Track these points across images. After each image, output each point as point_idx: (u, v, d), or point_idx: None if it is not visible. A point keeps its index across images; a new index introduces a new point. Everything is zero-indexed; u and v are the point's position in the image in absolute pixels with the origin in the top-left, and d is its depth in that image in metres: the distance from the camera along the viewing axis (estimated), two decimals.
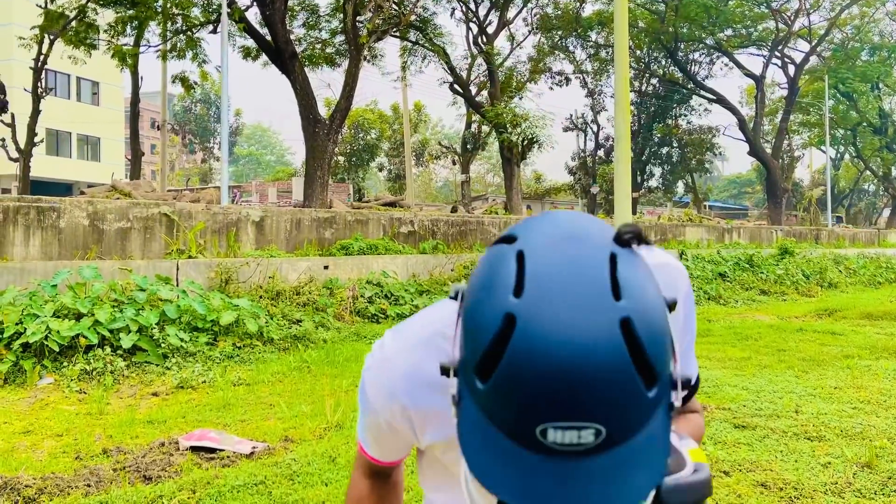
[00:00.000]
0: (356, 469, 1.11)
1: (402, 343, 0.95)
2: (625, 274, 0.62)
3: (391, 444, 1.04)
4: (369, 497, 1.09)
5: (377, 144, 42.10)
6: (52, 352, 6.82)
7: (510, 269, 0.64)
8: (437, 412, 0.92)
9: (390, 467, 1.11)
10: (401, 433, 0.99)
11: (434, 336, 0.93)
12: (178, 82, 21.12)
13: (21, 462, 4.09)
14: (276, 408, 5.51)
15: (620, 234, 0.67)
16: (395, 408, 0.95)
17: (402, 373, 0.93)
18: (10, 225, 8.89)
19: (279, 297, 9.82)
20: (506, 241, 0.68)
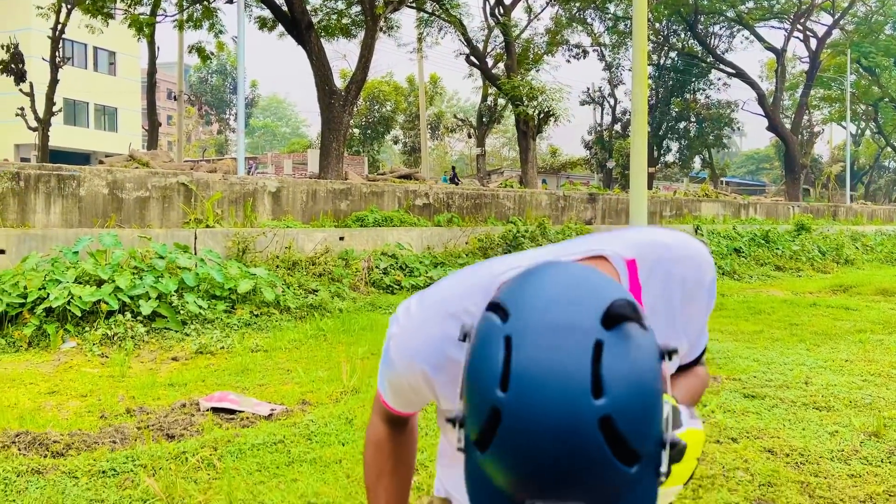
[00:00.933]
0: (375, 413, 1.18)
1: (427, 313, 1.01)
2: (608, 366, 0.66)
3: (410, 400, 1.09)
4: (387, 441, 1.16)
5: (392, 117, 41.97)
6: (74, 317, 6.97)
7: (498, 356, 0.68)
8: (456, 381, 0.95)
9: (407, 417, 1.18)
10: (421, 393, 1.05)
11: (459, 311, 0.97)
12: (195, 53, 21.14)
13: (48, 420, 4.23)
14: (293, 373, 5.63)
15: (610, 314, 0.68)
16: (417, 372, 1.01)
17: (426, 341, 0.99)
18: (32, 192, 9.03)
19: (295, 267, 9.94)
20: (498, 314, 0.72)
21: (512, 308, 0.71)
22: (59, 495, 3.00)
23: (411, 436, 1.21)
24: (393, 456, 1.17)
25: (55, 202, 9.21)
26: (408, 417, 1.18)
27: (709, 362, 5.87)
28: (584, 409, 0.64)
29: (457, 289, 0.99)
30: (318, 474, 3.31)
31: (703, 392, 1.15)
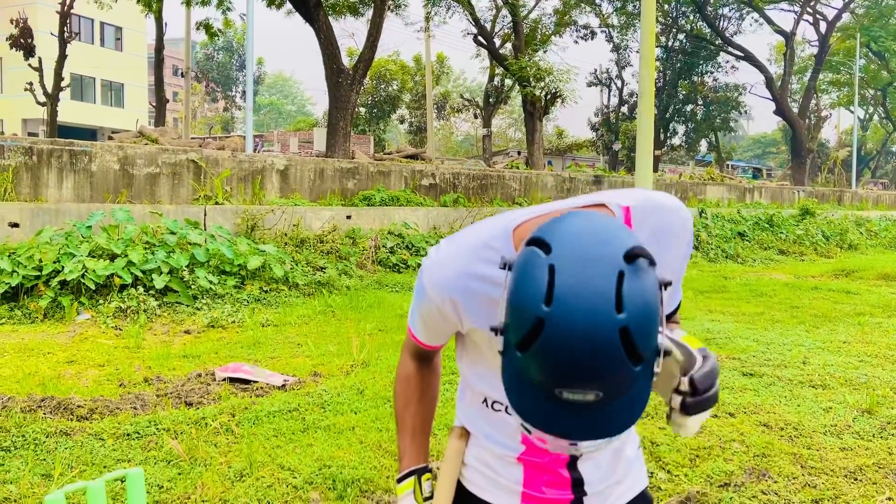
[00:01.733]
0: (404, 352, 1.37)
1: (456, 249, 1.17)
2: (627, 290, 0.86)
3: (438, 329, 1.24)
4: (415, 376, 1.35)
5: (399, 96, 41.90)
6: (88, 290, 7.13)
7: (543, 279, 0.87)
8: (480, 305, 1.13)
9: (433, 351, 1.34)
10: (449, 320, 1.19)
11: (482, 247, 1.14)
12: (202, 29, 21.16)
13: (69, 387, 4.39)
14: (303, 347, 5.78)
15: (630, 253, 0.88)
16: (447, 299, 1.15)
17: (455, 272, 1.14)
18: (45, 167, 9.15)
19: (303, 244, 10.08)
20: (541, 248, 0.91)
21: (553, 243, 0.90)
22: (87, 455, 3.16)
23: (436, 372, 1.39)
24: (420, 388, 1.35)
25: (67, 177, 9.34)
26: (433, 352, 1.35)
27: (709, 342, 6.01)
28: (609, 321, 0.84)
29: (481, 231, 1.17)
30: (333, 440, 3.46)
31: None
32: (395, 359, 3.51)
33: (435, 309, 1.19)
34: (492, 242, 1.13)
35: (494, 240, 1.14)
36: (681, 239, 1.19)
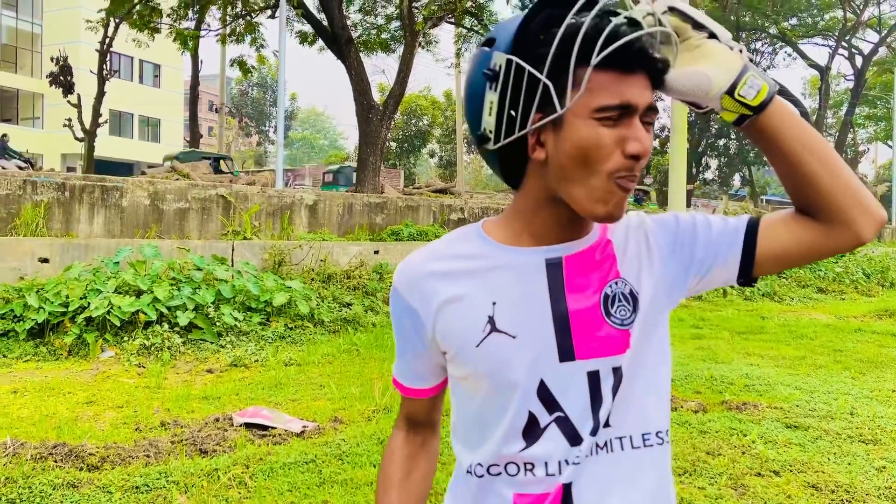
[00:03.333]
0: (395, 424, 1.20)
1: (421, 248, 1.10)
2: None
3: (417, 356, 1.10)
4: (401, 448, 1.16)
5: (429, 131, 42.19)
6: (113, 326, 7.08)
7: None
8: (450, 297, 1.02)
9: (424, 415, 1.17)
10: (423, 334, 1.06)
11: (452, 236, 1.08)
12: (237, 66, 21.52)
13: (84, 431, 4.28)
14: (325, 388, 5.63)
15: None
16: (415, 291, 1.05)
17: (423, 256, 1.07)
18: (77, 203, 9.23)
19: (330, 280, 9.99)
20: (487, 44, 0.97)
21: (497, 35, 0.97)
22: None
23: (427, 451, 1.18)
24: (403, 467, 1.15)
25: (98, 212, 9.41)
26: (425, 418, 1.17)
27: (749, 389, 5.73)
28: None
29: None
30: (349, 496, 3.29)
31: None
32: None
33: (406, 319, 1.07)
34: (460, 231, 1.09)
35: (462, 230, 1.09)
36: (650, 226, 1.07)
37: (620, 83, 0.90)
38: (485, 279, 1.01)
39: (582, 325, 0.99)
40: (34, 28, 41.27)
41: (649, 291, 1.03)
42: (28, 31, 41.17)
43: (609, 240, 1.05)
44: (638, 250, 1.04)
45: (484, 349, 1.00)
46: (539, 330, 0.99)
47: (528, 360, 0.99)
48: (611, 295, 1.01)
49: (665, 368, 1.07)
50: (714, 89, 0.95)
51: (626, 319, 1.00)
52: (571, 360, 0.98)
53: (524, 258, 1.01)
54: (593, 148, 0.91)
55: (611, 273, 1.02)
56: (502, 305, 1.00)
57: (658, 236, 1.06)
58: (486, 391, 1.02)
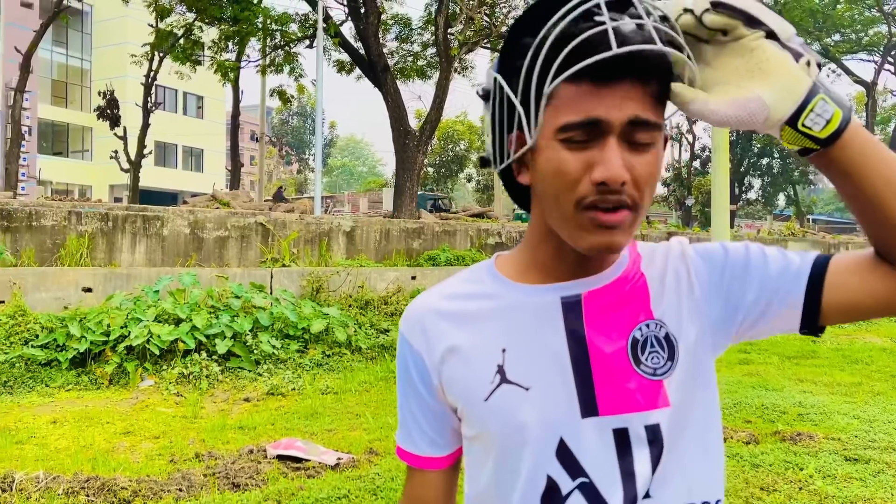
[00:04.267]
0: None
1: (431, 288, 0.98)
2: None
3: (425, 413, 0.94)
4: None
5: (466, 155, 42.30)
6: (152, 355, 7.11)
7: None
8: (456, 344, 0.90)
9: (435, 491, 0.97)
10: (430, 384, 0.92)
11: (460, 276, 0.96)
12: (276, 96, 21.89)
13: (119, 462, 4.25)
14: (362, 418, 5.53)
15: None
16: (417, 333, 0.92)
17: (429, 295, 0.95)
18: (119, 233, 9.38)
19: (368, 306, 9.94)
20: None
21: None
22: None
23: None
24: None
25: (140, 242, 9.54)
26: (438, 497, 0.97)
27: (803, 419, 5.46)
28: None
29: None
30: None
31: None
32: None
33: (412, 368, 0.93)
34: (471, 268, 0.97)
35: (474, 267, 0.97)
36: (693, 254, 0.92)
37: (591, 96, 0.75)
38: (493, 322, 0.89)
39: (606, 375, 0.84)
40: (83, 64, 42.73)
41: (690, 336, 0.87)
42: (78, 67, 42.64)
43: (641, 273, 0.89)
44: (677, 286, 0.88)
45: (493, 403, 0.86)
46: (556, 380, 0.85)
47: (545, 416, 0.85)
48: (641, 339, 0.86)
49: (717, 426, 0.90)
50: (772, 119, 0.77)
51: (660, 368, 0.85)
52: (594, 415, 0.84)
53: (536, 297, 0.88)
54: (556, 174, 0.77)
55: (642, 313, 0.87)
56: (513, 352, 0.87)
57: (701, 270, 0.89)
58: (497, 452, 0.88)
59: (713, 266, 0.89)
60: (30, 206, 9.00)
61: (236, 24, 17.46)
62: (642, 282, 0.89)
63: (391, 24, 21.35)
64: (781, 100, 0.76)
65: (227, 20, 17.94)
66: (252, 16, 17.30)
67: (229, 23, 17.89)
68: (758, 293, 0.87)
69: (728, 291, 0.88)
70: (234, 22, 17.58)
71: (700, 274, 0.89)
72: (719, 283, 0.88)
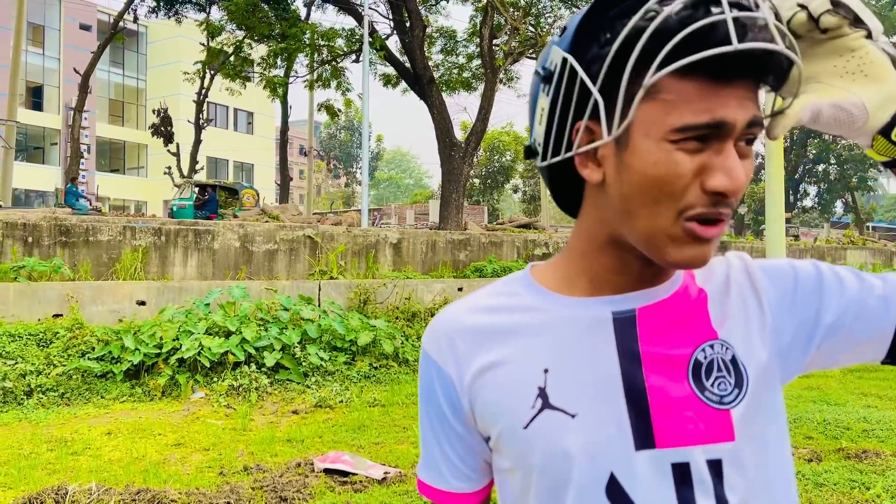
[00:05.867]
0: None
1: (457, 301, 0.87)
2: None
3: (453, 442, 0.84)
4: None
5: (512, 166, 42.20)
6: (203, 367, 7.21)
7: None
8: (491, 363, 0.79)
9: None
10: (460, 409, 0.82)
11: (492, 288, 0.86)
12: (324, 110, 22.20)
13: (170, 475, 4.30)
14: (409, 431, 5.50)
15: None
16: (446, 351, 0.82)
17: (456, 309, 0.84)
18: (172, 247, 9.58)
19: (414, 318, 9.93)
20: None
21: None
22: None
23: None
24: None
25: (192, 255, 9.72)
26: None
27: (868, 435, 5.23)
28: None
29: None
30: None
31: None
32: None
33: (438, 391, 0.82)
34: (504, 279, 0.86)
35: (507, 278, 0.86)
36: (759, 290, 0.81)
37: (712, 95, 0.66)
38: (533, 339, 0.78)
39: (664, 402, 0.74)
40: (139, 83, 44.13)
41: (761, 361, 0.77)
42: (133, 86, 44.05)
43: (701, 288, 0.80)
44: (743, 305, 0.79)
45: (534, 432, 0.76)
46: (606, 406, 0.75)
47: (593, 447, 0.74)
48: (704, 362, 0.76)
49: (788, 466, 0.80)
50: (870, 126, 0.71)
51: (727, 396, 0.75)
52: (651, 447, 0.73)
53: (584, 311, 0.78)
54: (664, 178, 0.68)
55: (704, 332, 0.77)
56: (557, 373, 0.76)
57: (769, 290, 0.80)
58: (538, 489, 0.77)
59: (783, 286, 0.80)
60: (86, 222, 9.26)
61: (284, 40, 17.78)
62: (702, 298, 0.79)
63: (436, 37, 21.47)
64: (882, 107, 0.71)
65: (275, 37, 18.29)
66: (300, 32, 17.59)
67: (277, 39, 18.24)
68: (835, 319, 0.78)
69: (801, 316, 0.78)
70: (282, 38, 17.91)
71: (767, 294, 0.79)
72: (791, 306, 0.79)
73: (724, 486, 0.74)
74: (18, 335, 7.07)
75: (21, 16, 18.59)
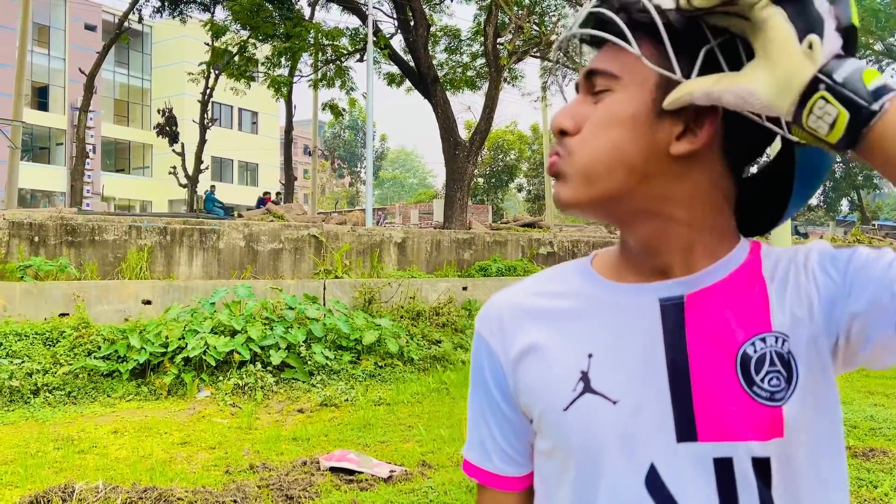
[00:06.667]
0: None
1: (516, 283, 0.89)
2: None
3: (499, 421, 0.84)
4: None
5: (516, 165, 42.18)
6: (209, 366, 7.23)
7: None
8: (535, 343, 0.81)
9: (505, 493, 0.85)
10: (505, 387, 0.83)
11: (551, 273, 0.88)
12: (328, 110, 22.21)
13: (176, 473, 4.31)
14: (414, 430, 5.50)
15: None
16: (495, 329, 0.84)
17: (512, 291, 0.87)
18: (177, 246, 9.59)
19: (419, 317, 9.93)
20: None
21: None
22: None
23: None
24: None
25: (197, 255, 9.74)
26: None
27: (875, 434, 5.21)
28: None
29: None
30: None
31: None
32: None
33: (486, 368, 0.84)
34: (564, 264, 0.88)
35: (566, 264, 0.88)
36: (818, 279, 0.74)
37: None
38: (580, 324, 0.78)
39: (709, 394, 0.72)
40: (144, 83, 44.23)
41: (817, 354, 0.73)
42: (138, 86, 44.16)
43: (761, 276, 0.75)
44: (805, 294, 0.73)
45: (574, 414, 0.75)
46: (649, 395, 0.73)
47: (634, 436, 0.73)
48: (754, 356, 0.72)
49: (843, 457, 0.76)
50: (772, 114, 0.65)
51: (779, 392, 0.71)
52: (693, 440, 0.71)
53: (631, 297, 0.77)
54: None
55: (758, 323, 0.73)
56: (601, 358, 0.76)
57: (822, 276, 0.73)
58: (575, 474, 0.76)
59: (835, 271, 0.73)
60: (92, 221, 9.28)
61: (289, 40, 17.79)
62: (760, 286, 0.75)
63: (440, 36, 21.46)
64: (778, 95, 0.63)
65: (279, 37, 18.31)
66: (304, 31, 17.60)
67: (282, 39, 18.25)
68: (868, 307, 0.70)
69: (853, 309, 0.71)
70: (286, 38, 17.92)
71: (822, 281, 0.73)
72: (846, 298, 0.72)
73: (771, 485, 0.71)
74: (25, 334, 7.10)
75: (26, 16, 18.64)
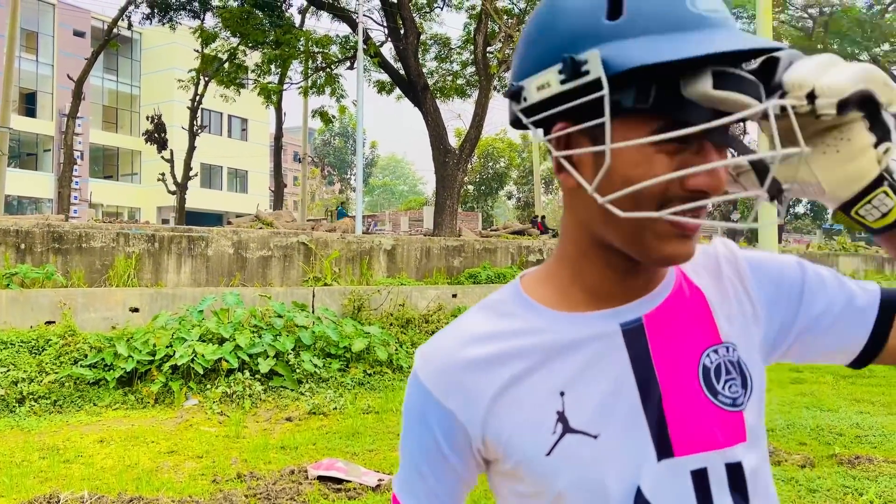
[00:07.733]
0: None
1: (451, 326, 0.82)
2: None
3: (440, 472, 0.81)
4: None
5: (506, 173, 42.28)
6: (196, 374, 7.19)
7: None
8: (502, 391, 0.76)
9: None
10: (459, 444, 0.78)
11: (485, 306, 0.82)
12: (318, 117, 22.21)
13: (163, 482, 4.28)
14: None
15: None
16: (451, 388, 0.77)
17: (455, 341, 0.79)
18: (165, 253, 9.55)
19: (409, 324, 9.92)
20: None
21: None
22: None
23: None
24: None
25: (185, 262, 9.70)
26: None
27: (861, 441, 5.24)
28: None
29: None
30: None
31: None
32: None
33: (433, 425, 0.78)
34: (496, 298, 0.82)
35: (499, 297, 0.82)
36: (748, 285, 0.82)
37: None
38: (545, 363, 0.76)
39: (680, 409, 0.74)
40: (132, 90, 44.06)
41: (758, 359, 0.80)
42: (127, 93, 43.99)
43: (695, 285, 0.80)
44: (738, 302, 0.80)
45: (558, 457, 0.74)
46: (627, 421, 0.74)
47: (620, 465, 0.74)
48: (712, 366, 0.76)
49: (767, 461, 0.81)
50: (829, 200, 0.73)
51: (739, 398, 0.76)
52: (670, 456, 0.74)
53: (591, 327, 0.76)
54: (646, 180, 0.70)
55: (708, 334, 0.77)
56: (574, 395, 0.75)
57: (756, 283, 0.81)
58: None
59: (769, 282, 0.82)
60: (80, 228, 9.23)
61: (279, 47, 17.80)
62: (700, 296, 0.79)
63: (430, 44, 21.53)
64: (840, 187, 0.71)
65: (269, 44, 18.31)
66: (294, 39, 17.61)
67: (272, 46, 18.25)
68: (811, 322, 0.81)
69: (783, 313, 0.81)
70: (276, 45, 17.93)
71: (756, 290, 0.81)
72: (775, 303, 0.81)
73: (741, 490, 0.75)
74: (10, 342, 7.04)
75: (14, 22, 18.55)
